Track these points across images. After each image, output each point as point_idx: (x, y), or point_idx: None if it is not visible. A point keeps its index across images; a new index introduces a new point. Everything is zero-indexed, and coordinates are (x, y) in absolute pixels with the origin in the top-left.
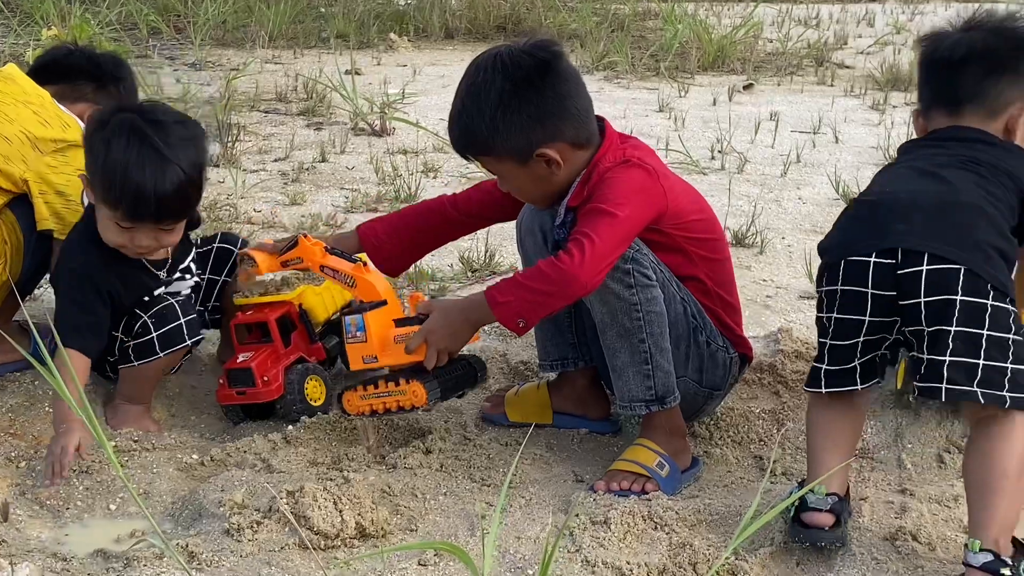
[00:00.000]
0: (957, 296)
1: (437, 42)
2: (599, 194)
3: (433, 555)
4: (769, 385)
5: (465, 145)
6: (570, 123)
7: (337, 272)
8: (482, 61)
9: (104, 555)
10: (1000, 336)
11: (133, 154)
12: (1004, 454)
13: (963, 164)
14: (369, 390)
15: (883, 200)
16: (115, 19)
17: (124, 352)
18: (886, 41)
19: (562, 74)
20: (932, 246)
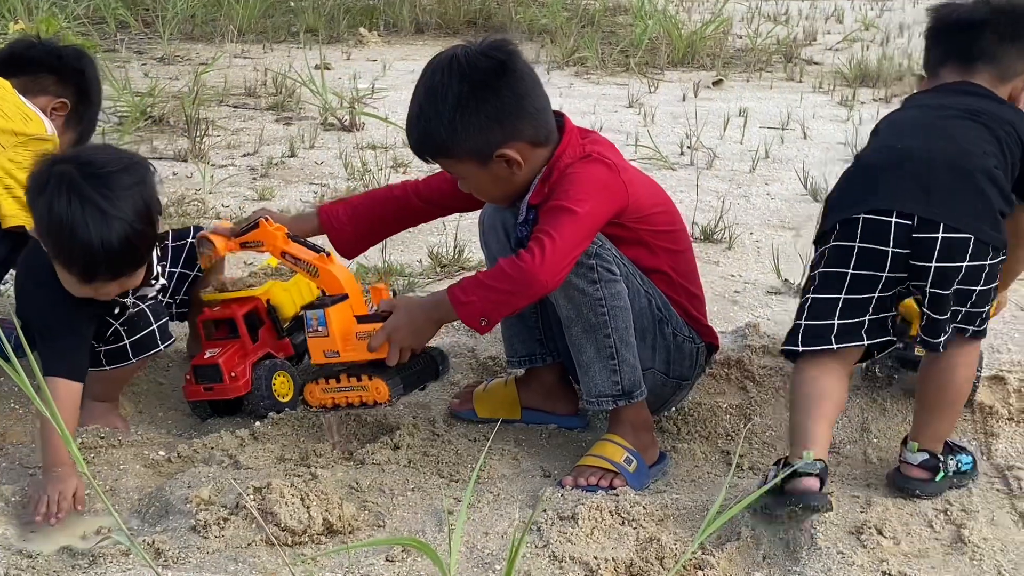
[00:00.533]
0: (964, 263)
1: (407, 37)
2: (560, 191)
3: (400, 551)
4: (736, 380)
5: (424, 148)
6: (528, 122)
7: (299, 260)
8: (438, 63)
9: (70, 552)
10: (988, 288)
11: (77, 214)
12: (958, 382)
13: (967, 115)
14: (331, 383)
15: (894, 158)
16: (83, 13)
17: (95, 357)
18: (855, 37)
19: (518, 73)
20: (948, 216)
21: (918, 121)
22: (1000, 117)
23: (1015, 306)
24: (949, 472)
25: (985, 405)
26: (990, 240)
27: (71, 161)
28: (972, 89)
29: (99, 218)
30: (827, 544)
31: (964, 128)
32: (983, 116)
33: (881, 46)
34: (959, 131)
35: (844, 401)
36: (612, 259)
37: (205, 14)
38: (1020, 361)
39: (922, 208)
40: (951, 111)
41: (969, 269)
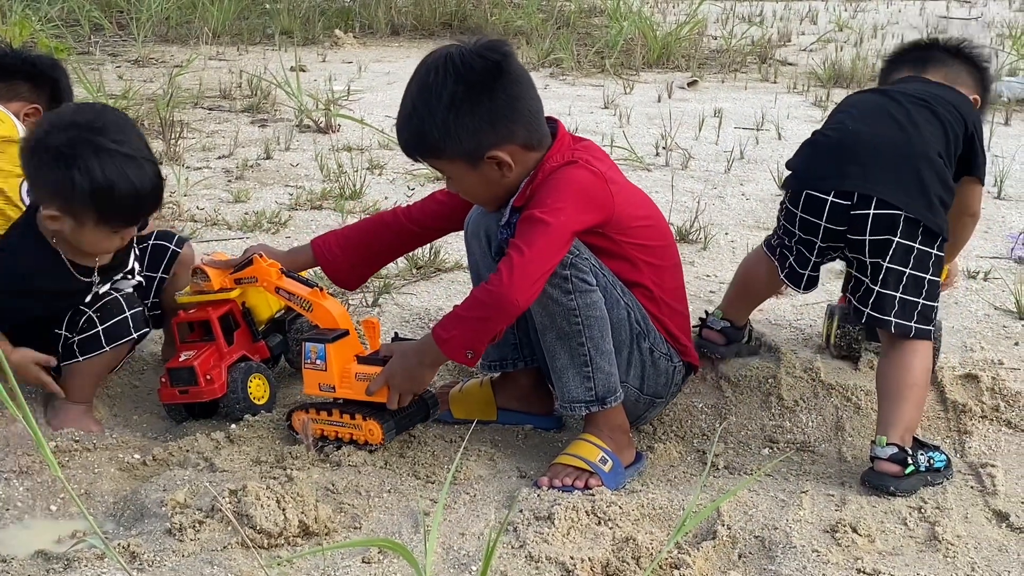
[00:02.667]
0: (896, 238)
1: (383, 39)
2: (539, 197)
3: (377, 552)
4: (712, 380)
5: (415, 147)
6: (521, 125)
7: (293, 295)
8: (432, 62)
9: (44, 556)
10: (919, 275)
11: (112, 169)
12: (910, 369)
13: (920, 101)
14: (323, 415)
15: (846, 139)
16: (56, 15)
17: (68, 349)
18: (829, 38)
19: (513, 75)
20: (881, 192)
21: (874, 104)
22: (944, 99)
23: (987, 304)
24: (921, 467)
25: (958, 403)
26: (921, 218)
27: (68, 128)
28: (924, 80)
29: (133, 166)
30: (802, 543)
31: (914, 115)
32: (931, 102)
33: (855, 47)
34: (909, 118)
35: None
36: (588, 269)
37: (179, 16)
38: (993, 359)
39: (859, 185)
40: (906, 97)
41: (899, 247)
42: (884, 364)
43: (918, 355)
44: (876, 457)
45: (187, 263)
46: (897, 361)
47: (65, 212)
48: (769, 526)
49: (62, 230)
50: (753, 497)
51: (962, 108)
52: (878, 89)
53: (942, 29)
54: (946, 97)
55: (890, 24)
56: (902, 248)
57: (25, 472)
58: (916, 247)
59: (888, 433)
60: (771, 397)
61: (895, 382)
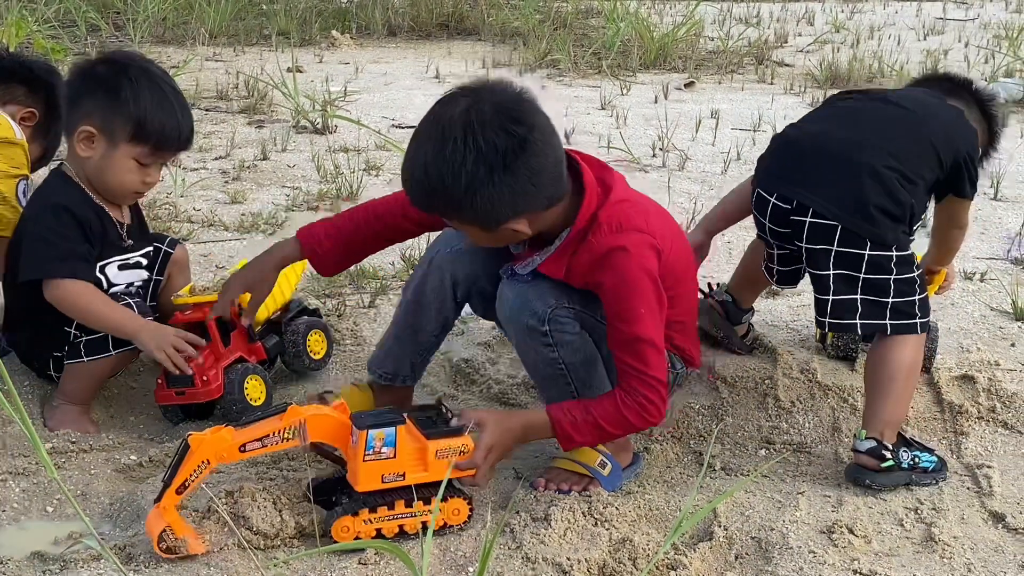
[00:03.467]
0: (833, 247)
1: (380, 40)
2: (609, 298)
3: (373, 554)
4: (708, 381)
5: (428, 206)
6: (542, 196)
7: (267, 438)
8: (449, 127)
9: (41, 557)
10: (878, 278)
11: (158, 94)
12: (890, 363)
13: (912, 111)
14: (380, 513)
15: (802, 141)
16: (53, 16)
17: (75, 348)
18: (825, 40)
19: (537, 148)
20: (818, 203)
21: (845, 111)
22: (940, 118)
23: (983, 305)
24: (903, 464)
25: (955, 404)
26: (859, 230)
27: (126, 56)
28: (937, 96)
29: (176, 102)
30: (799, 543)
31: (883, 123)
32: (924, 116)
33: (852, 48)
34: (874, 125)
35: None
36: (568, 319)
37: (176, 17)
38: (989, 360)
39: (797, 193)
40: (895, 105)
41: (841, 255)
42: (868, 359)
43: (900, 349)
44: (855, 450)
45: (180, 264)
46: (878, 356)
47: (103, 129)
48: (766, 527)
49: (91, 157)
50: (750, 498)
51: (957, 132)
52: (878, 94)
53: (939, 30)
54: (945, 117)
55: (887, 25)
56: (850, 256)
57: (21, 473)
58: (866, 253)
59: (868, 427)
60: (768, 398)
61: (876, 376)
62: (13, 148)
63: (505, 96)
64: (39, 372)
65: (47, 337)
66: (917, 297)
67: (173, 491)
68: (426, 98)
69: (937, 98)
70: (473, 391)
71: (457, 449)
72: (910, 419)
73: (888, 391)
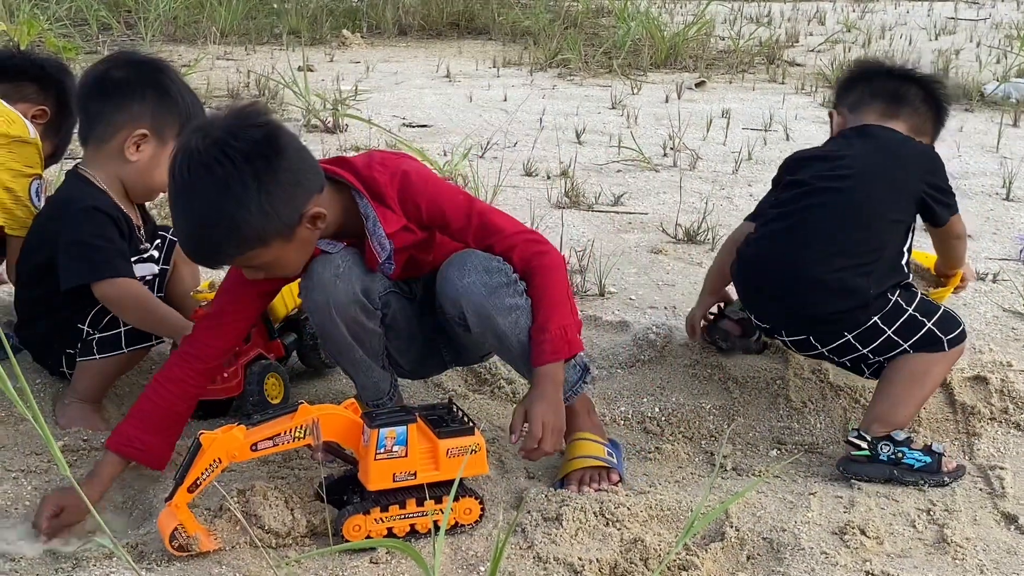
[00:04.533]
0: (823, 348)
1: (390, 39)
2: (445, 210)
3: (384, 553)
4: (719, 381)
5: (231, 248)
6: (312, 172)
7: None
8: (200, 158)
9: (53, 555)
10: (880, 335)
11: (190, 90)
12: (895, 368)
13: (851, 178)
14: (391, 512)
15: (750, 264)
16: (64, 15)
17: (88, 345)
18: (836, 39)
19: (284, 129)
20: (784, 325)
21: (783, 212)
22: (898, 173)
23: (996, 306)
24: (881, 456)
25: (967, 405)
26: (828, 332)
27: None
28: (889, 134)
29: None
30: (810, 544)
31: (820, 220)
32: (866, 189)
33: (863, 48)
34: (810, 227)
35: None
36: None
37: (187, 16)
38: (1002, 361)
39: (766, 319)
40: (822, 192)
41: (832, 349)
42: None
43: (915, 358)
44: (846, 440)
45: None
46: (893, 362)
47: (153, 129)
48: (777, 528)
49: (139, 159)
50: (761, 499)
51: (915, 172)
52: (825, 171)
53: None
54: (897, 174)
55: (898, 25)
56: (842, 346)
57: (34, 471)
58: (850, 337)
59: (862, 421)
60: (779, 399)
61: (882, 378)
62: (27, 147)
63: (224, 115)
64: (52, 370)
65: (60, 334)
66: (929, 325)
67: (185, 489)
68: (437, 97)
69: (877, 139)
70: (484, 391)
71: (468, 447)
72: (922, 420)
73: (885, 391)
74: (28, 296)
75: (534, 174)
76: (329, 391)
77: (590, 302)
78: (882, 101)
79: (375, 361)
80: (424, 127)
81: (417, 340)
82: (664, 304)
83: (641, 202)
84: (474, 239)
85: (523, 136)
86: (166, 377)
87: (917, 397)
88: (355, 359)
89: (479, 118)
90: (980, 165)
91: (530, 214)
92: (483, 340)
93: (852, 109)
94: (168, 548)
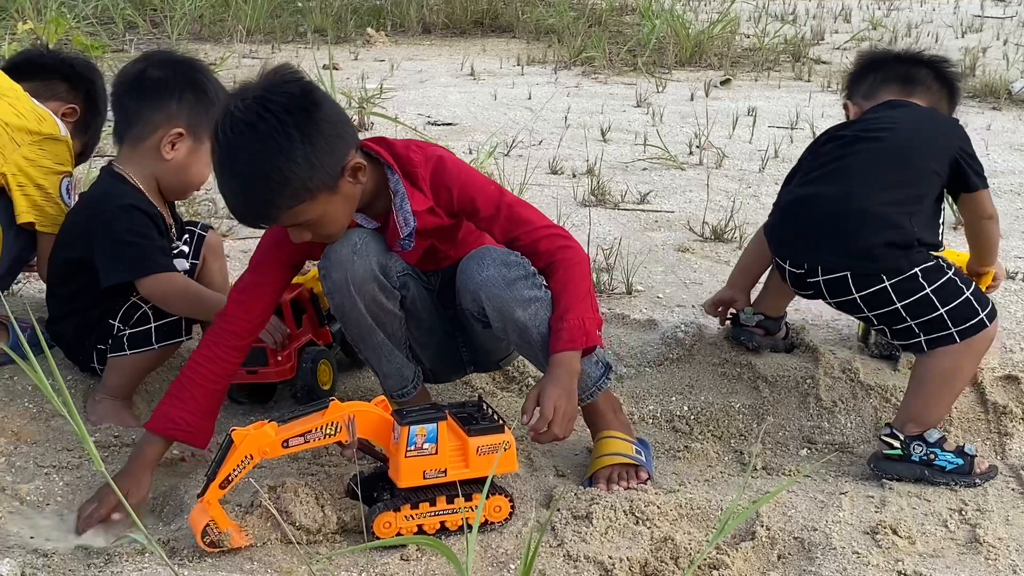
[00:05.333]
0: (855, 295)
1: (415, 37)
2: (476, 199)
3: (415, 550)
4: (749, 380)
5: (281, 201)
6: (348, 127)
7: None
8: (242, 117)
9: (85, 551)
10: (914, 300)
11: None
12: (923, 365)
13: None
14: (422, 509)
15: (795, 205)
16: (91, 13)
17: (118, 341)
18: (863, 37)
19: (317, 87)
20: (824, 259)
21: (823, 161)
22: (928, 138)
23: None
24: (912, 457)
25: (999, 405)
26: (868, 271)
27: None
28: (913, 106)
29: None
30: (842, 544)
31: (866, 165)
32: (911, 143)
33: (889, 45)
34: (859, 169)
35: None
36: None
37: (213, 14)
38: None
39: (805, 257)
40: (869, 141)
41: (866, 296)
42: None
43: (944, 356)
44: (879, 438)
45: (214, 248)
46: (920, 361)
47: (189, 128)
48: (808, 527)
49: (175, 157)
50: (792, 498)
51: (941, 133)
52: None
53: (976, 28)
54: (923, 126)
55: (924, 23)
56: (876, 295)
57: (66, 467)
58: (887, 285)
59: (894, 420)
60: (809, 398)
61: (912, 377)
62: (58, 144)
63: (258, 79)
64: (82, 366)
65: (92, 331)
66: (967, 294)
67: (217, 485)
68: (461, 95)
69: (906, 108)
70: (512, 388)
71: (499, 445)
72: (953, 419)
73: (914, 390)
74: (59, 293)
75: (560, 172)
76: (358, 388)
77: (617, 300)
78: (895, 84)
79: (397, 347)
80: (449, 125)
81: (436, 333)
82: (692, 302)
83: (667, 200)
84: (501, 230)
85: (548, 134)
86: (204, 357)
87: (948, 396)
88: (377, 343)
89: (504, 116)
90: (1008, 163)
91: (556, 212)
92: (503, 334)
93: (866, 97)
94: (200, 544)
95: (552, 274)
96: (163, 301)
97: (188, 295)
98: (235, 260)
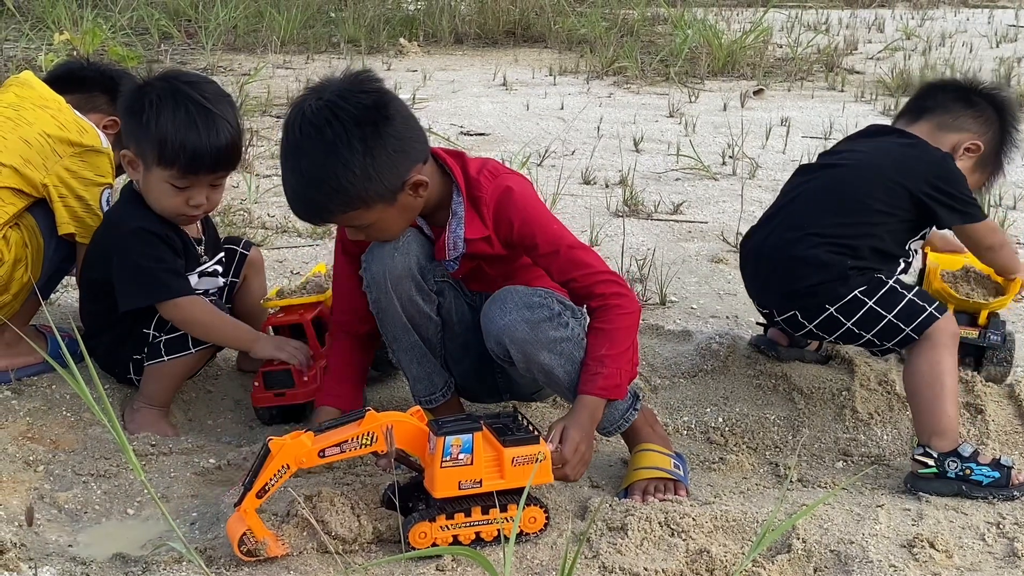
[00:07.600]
0: (809, 325)
1: (447, 47)
2: (536, 235)
3: (451, 560)
4: (784, 392)
5: (335, 207)
6: (418, 141)
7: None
8: (312, 119)
9: (123, 559)
10: (861, 314)
11: (182, 113)
12: (912, 374)
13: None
14: (457, 519)
15: (748, 254)
16: (126, 24)
17: (155, 348)
18: (896, 47)
19: (393, 95)
20: (774, 302)
21: (783, 192)
22: (886, 169)
23: None
24: (948, 474)
25: None
26: (810, 307)
27: (163, 77)
28: (896, 134)
29: (204, 113)
30: (879, 557)
31: (807, 198)
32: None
33: (923, 55)
34: (796, 207)
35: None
36: (558, 298)
37: (247, 25)
38: None
39: (760, 301)
40: (821, 171)
41: (820, 324)
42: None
43: (923, 358)
44: (913, 459)
45: (256, 265)
46: (904, 372)
47: (136, 153)
48: (845, 540)
49: (138, 180)
50: (828, 510)
51: (915, 171)
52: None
53: (1011, 38)
54: (890, 169)
55: (958, 32)
56: (821, 323)
57: (103, 475)
58: (832, 310)
59: (919, 437)
60: (845, 410)
61: (906, 391)
62: (99, 156)
63: (339, 79)
64: (119, 377)
65: (126, 342)
66: (909, 296)
67: (253, 495)
68: (494, 105)
69: (881, 137)
70: (547, 400)
71: (534, 456)
72: (990, 432)
73: (916, 403)
74: (90, 309)
75: (592, 182)
76: (392, 399)
77: (651, 311)
78: (907, 115)
79: (432, 352)
80: (482, 135)
81: (471, 351)
82: (726, 313)
83: (701, 210)
84: (558, 269)
85: (581, 144)
86: (347, 338)
87: (945, 396)
88: (410, 344)
89: (536, 126)
90: None
91: (589, 222)
92: (529, 375)
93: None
94: (237, 553)
95: (601, 315)
96: (182, 325)
97: (204, 320)
98: (270, 270)
